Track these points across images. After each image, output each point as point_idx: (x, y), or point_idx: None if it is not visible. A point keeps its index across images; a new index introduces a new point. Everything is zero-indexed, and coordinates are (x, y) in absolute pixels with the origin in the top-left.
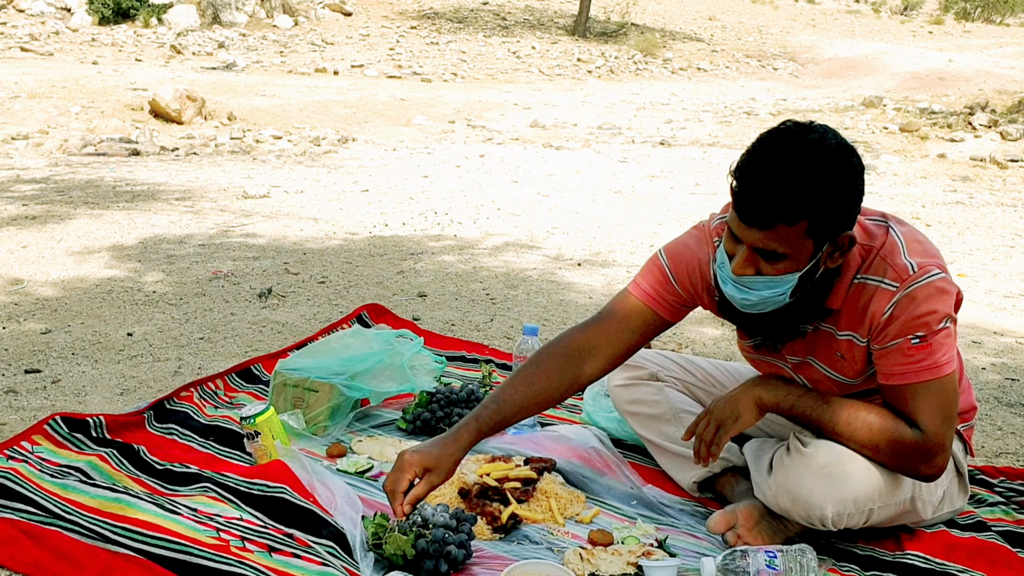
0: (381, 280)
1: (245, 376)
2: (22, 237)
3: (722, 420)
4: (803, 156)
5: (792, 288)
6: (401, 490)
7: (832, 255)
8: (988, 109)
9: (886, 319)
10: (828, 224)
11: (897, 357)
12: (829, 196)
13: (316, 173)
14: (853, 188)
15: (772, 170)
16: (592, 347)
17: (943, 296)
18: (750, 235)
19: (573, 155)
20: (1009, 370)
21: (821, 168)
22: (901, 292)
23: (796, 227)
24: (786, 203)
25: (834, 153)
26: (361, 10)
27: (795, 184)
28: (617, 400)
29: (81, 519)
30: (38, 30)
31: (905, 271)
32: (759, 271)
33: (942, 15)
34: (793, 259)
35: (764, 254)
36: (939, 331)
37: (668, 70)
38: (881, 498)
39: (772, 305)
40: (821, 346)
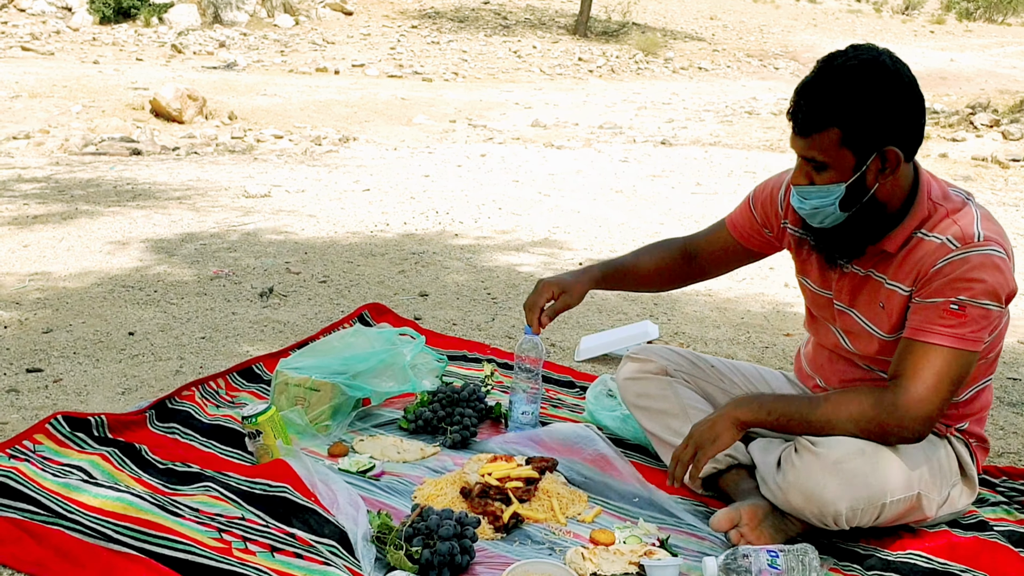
0: (382, 279)
1: (247, 375)
2: (23, 236)
3: (700, 443)
4: (840, 67)
5: (839, 198)
6: (539, 306)
7: (882, 172)
8: (990, 109)
9: (935, 272)
10: (864, 133)
11: (930, 314)
12: (859, 104)
13: (317, 172)
14: (893, 101)
15: (812, 81)
16: (694, 254)
17: (997, 273)
18: (797, 144)
19: (574, 154)
20: (1011, 370)
21: (854, 78)
22: (958, 253)
23: (829, 135)
24: (818, 110)
25: (874, 66)
26: (362, 9)
27: (825, 92)
28: (625, 393)
29: (83, 518)
30: (39, 29)
31: (971, 235)
32: (812, 181)
33: (944, 14)
34: (835, 169)
35: (812, 164)
36: (980, 306)
37: (669, 69)
38: (892, 493)
39: (827, 216)
40: (867, 294)
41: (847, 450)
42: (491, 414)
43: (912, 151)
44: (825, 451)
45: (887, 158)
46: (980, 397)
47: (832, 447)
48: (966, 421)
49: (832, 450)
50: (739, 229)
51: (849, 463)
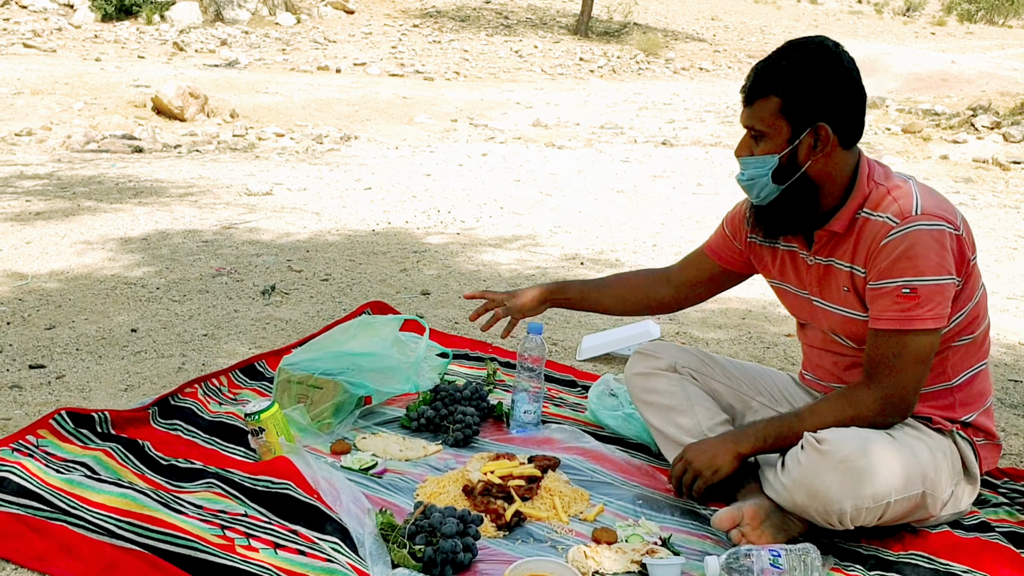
0: (384, 278)
1: (249, 373)
2: (26, 233)
3: (700, 471)
4: (788, 46)
5: (773, 170)
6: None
7: (815, 149)
8: (991, 111)
9: (879, 250)
10: (800, 105)
11: (887, 301)
12: (800, 77)
13: (319, 171)
14: (829, 79)
15: (764, 58)
16: (669, 280)
17: (941, 248)
18: (742, 115)
19: (575, 154)
20: (1012, 371)
21: (798, 55)
22: (899, 229)
23: (768, 102)
24: (760, 78)
25: (819, 48)
26: (364, 8)
27: (772, 64)
28: (634, 389)
29: (86, 514)
30: (41, 26)
31: (909, 211)
32: (751, 152)
33: (944, 16)
34: (771, 139)
35: (753, 134)
36: (932, 284)
37: (670, 70)
38: (897, 491)
39: (763, 189)
40: (832, 281)
41: (853, 448)
42: (493, 413)
43: (849, 137)
44: (831, 449)
45: (819, 135)
46: (976, 383)
47: (838, 445)
48: (970, 412)
49: (838, 448)
50: (717, 251)
51: (855, 462)
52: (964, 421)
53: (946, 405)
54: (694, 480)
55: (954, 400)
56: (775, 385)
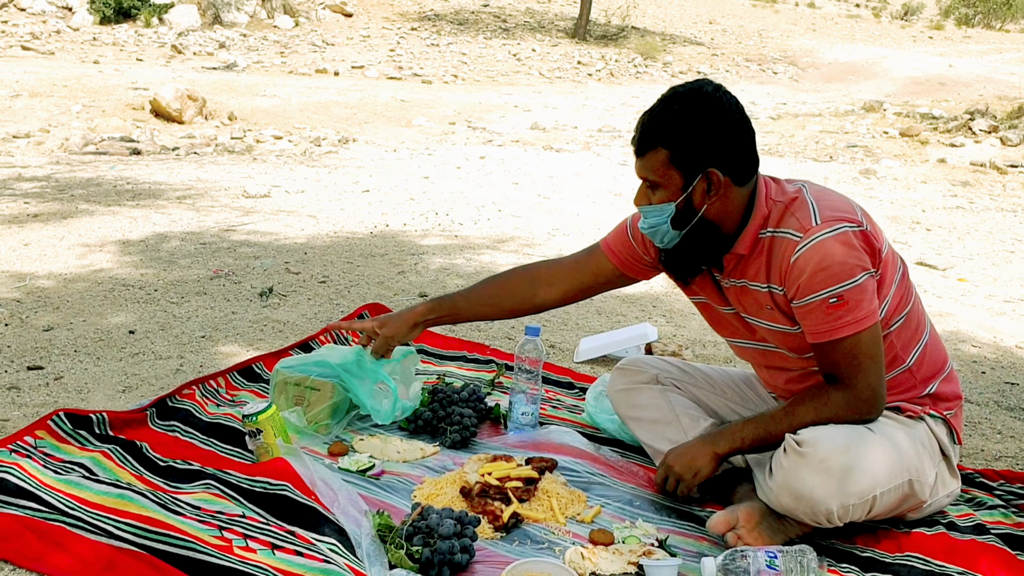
0: (382, 280)
1: (247, 374)
2: (24, 235)
3: (681, 474)
4: (671, 96)
5: (671, 216)
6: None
7: (709, 194)
8: (988, 115)
9: (792, 266)
10: (688, 154)
11: (818, 316)
12: (684, 127)
13: (317, 173)
14: (713, 125)
15: (650, 108)
16: (552, 279)
17: (850, 250)
18: (637, 167)
19: (573, 157)
20: (1009, 374)
21: (680, 105)
22: (804, 242)
23: (657, 154)
24: (648, 131)
25: (699, 95)
26: (362, 11)
27: (656, 116)
28: (618, 405)
29: (85, 515)
30: (39, 29)
31: (808, 223)
32: (649, 201)
33: (942, 20)
34: (666, 188)
35: (648, 184)
36: (853, 286)
37: (668, 73)
38: (881, 484)
39: (664, 235)
40: (752, 301)
41: (832, 448)
42: (491, 415)
43: (741, 176)
44: (810, 451)
45: (711, 180)
46: (928, 355)
47: (817, 446)
48: (931, 383)
49: (817, 449)
50: (618, 256)
51: (834, 460)
52: (929, 393)
53: (910, 387)
54: (678, 484)
55: (915, 379)
56: (761, 390)
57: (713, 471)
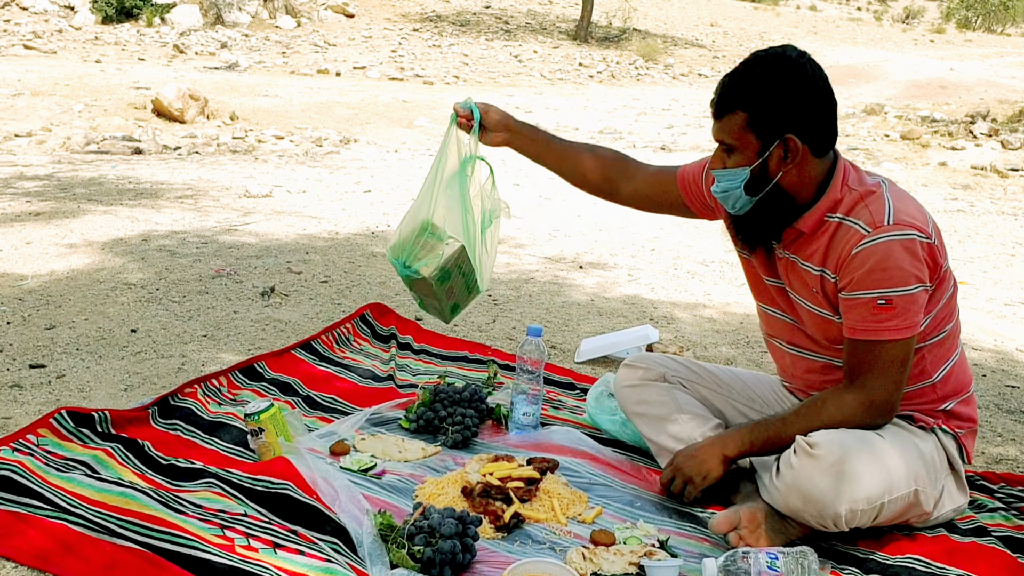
0: (383, 280)
1: (248, 373)
2: (26, 233)
3: (690, 477)
4: (753, 59)
5: (744, 182)
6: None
7: (785, 161)
8: (989, 118)
9: (852, 257)
10: (767, 119)
11: (862, 312)
12: (765, 90)
13: (318, 173)
14: (795, 91)
15: (731, 71)
16: (633, 176)
17: (913, 258)
18: (713, 128)
19: None
20: (1009, 377)
21: (762, 68)
22: (871, 238)
23: (735, 117)
24: (727, 93)
25: (782, 59)
26: (364, 12)
27: (737, 78)
28: (624, 401)
29: (86, 512)
30: (41, 28)
31: (881, 219)
32: (724, 165)
33: (943, 24)
34: (741, 152)
35: (724, 148)
36: (905, 294)
37: (669, 75)
38: (890, 492)
39: (737, 200)
40: (800, 279)
41: (845, 451)
42: (492, 415)
43: (820, 146)
44: (823, 453)
45: (789, 147)
46: (954, 375)
47: (830, 449)
48: (949, 401)
49: (830, 452)
50: (687, 184)
51: (847, 464)
52: (945, 409)
53: (929, 401)
54: (685, 486)
55: (936, 395)
56: (767, 391)
57: (722, 474)
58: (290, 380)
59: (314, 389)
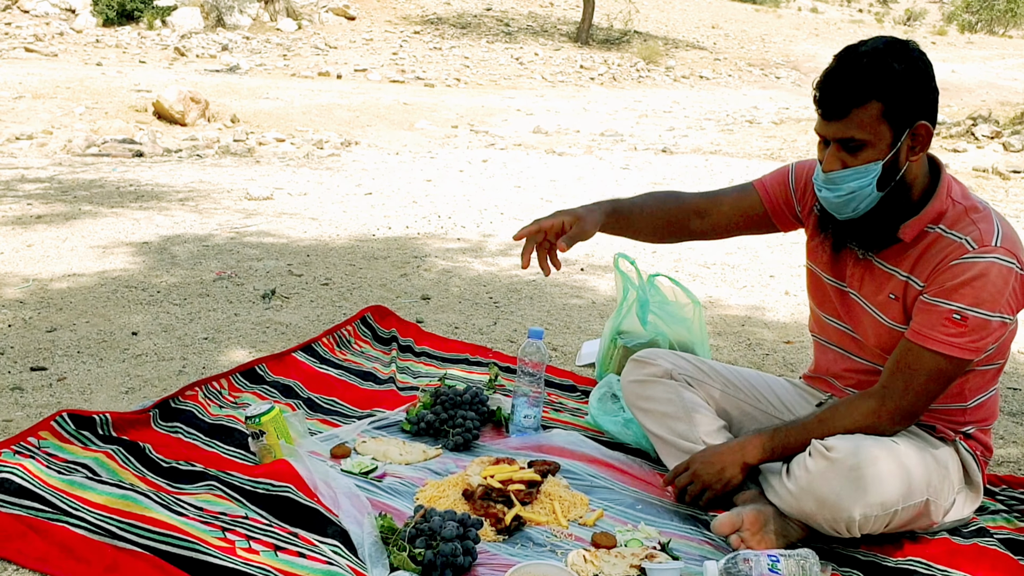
0: (385, 282)
1: (249, 376)
2: (27, 236)
3: (708, 482)
4: (869, 50)
5: (877, 177)
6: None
7: (913, 149)
8: (991, 120)
9: (950, 268)
10: (901, 106)
11: (934, 319)
12: (899, 77)
13: (319, 176)
14: (925, 77)
15: (843, 62)
16: (704, 210)
17: (1006, 287)
18: (831, 129)
19: (575, 161)
20: (1011, 379)
21: (888, 54)
22: (977, 255)
23: (869, 109)
24: (856, 86)
25: (903, 45)
26: (365, 15)
27: (864, 68)
28: (630, 396)
29: (88, 515)
30: (42, 31)
31: (989, 240)
32: (845, 164)
33: (945, 26)
34: (873, 146)
35: (847, 146)
36: (983, 318)
37: (670, 78)
38: (906, 499)
39: (863, 200)
40: (877, 283)
41: (863, 457)
42: (493, 417)
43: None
44: (840, 457)
45: (918, 133)
46: (987, 405)
47: (847, 453)
48: (971, 426)
49: (848, 456)
50: (771, 197)
51: (864, 470)
52: (966, 433)
53: (955, 421)
54: (701, 491)
55: (964, 419)
56: (774, 392)
57: (740, 480)
58: (291, 383)
59: (315, 391)
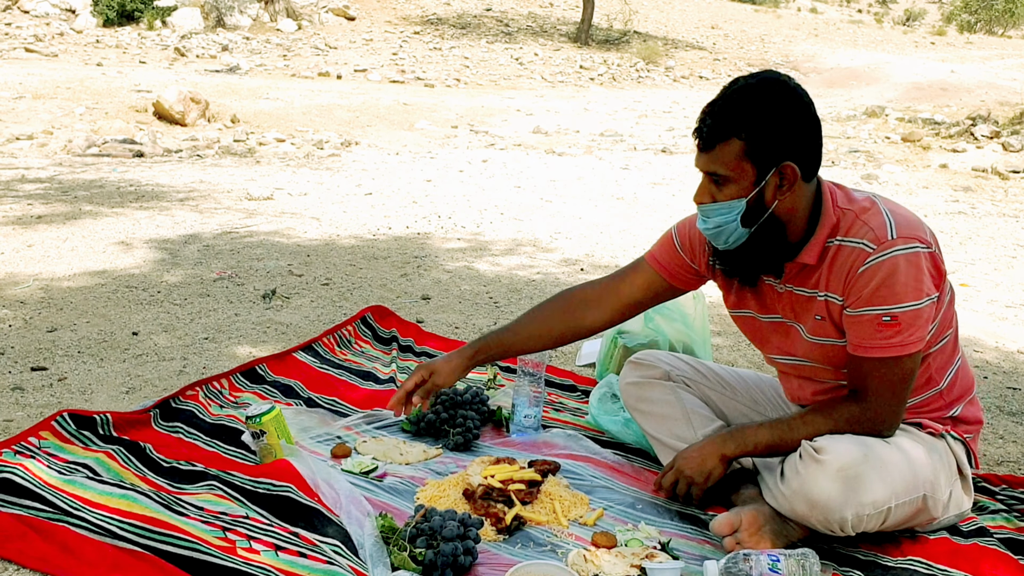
0: (385, 282)
1: (250, 376)
2: (27, 236)
3: (692, 478)
4: (743, 86)
5: (741, 214)
6: (407, 389)
7: (780, 189)
8: (990, 120)
9: (859, 276)
10: (764, 146)
11: (867, 329)
12: (761, 117)
13: (319, 176)
14: (790, 116)
15: (717, 99)
16: (598, 300)
17: (919, 272)
18: (700, 161)
19: (575, 161)
20: (1011, 379)
21: (754, 93)
22: (878, 255)
23: (731, 146)
24: (721, 122)
25: (773, 84)
26: (364, 15)
27: (730, 105)
28: (628, 398)
29: (88, 515)
30: (43, 31)
31: (884, 235)
32: (714, 198)
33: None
34: (736, 183)
35: (714, 179)
36: (911, 310)
37: (670, 78)
38: (897, 497)
39: (731, 235)
40: (805, 310)
41: (851, 457)
42: (493, 417)
43: (810, 171)
44: (829, 458)
45: (785, 174)
46: (959, 378)
47: (836, 455)
48: (956, 406)
49: (837, 457)
50: (665, 266)
51: (853, 470)
52: (953, 416)
53: (937, 408)
54: (689, 488)
55: (944, 401)
56: (772, 393)
57: (723, 473)
58: (291, 383)
59: (315, 391)
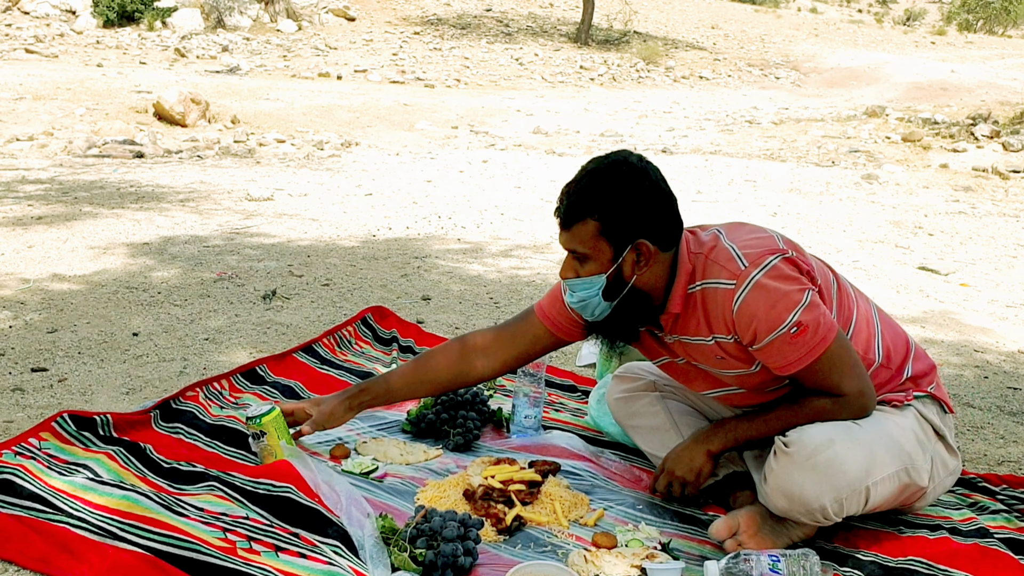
0: (385, 283)
1: (250, 377)
2: (28, 237)
3: (684, 478)
4: (595, 168)
5: (601, 289)
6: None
7: (638, 264)
8: (990, 120)
9: (738, 314)
10: (618, 226)
11: (785, 349)
12: (615, 199)
13: (319, 176)
14: (640, 196)
15: (573, 179)
16: (488, 349)
17: (786, 279)
18: (562, 238)
19: (576, 162)
20: (1011, 379)
21: (607, 175)
22: (741, 289)
23: (587, 226)
24: (576, 203)
25: (626, 166)
26: (365, 15)
27: (583, 187)
28: (617, 414)
29: (88, 516)
30: (43, 32)
31: (736, 268)
32: (577, 273)
33: (944, 26)
34: (595, 260)
35: (576, 256)
36: (805, 308)
37: (670, 78)
38: (870, 474)
39: (595, 308)
40: (701, 354)
41: (816, 444)
42: (493, 418)
43: (668, 242)
44: (796, 449)
45: (641, 251)
46: (890, 343)
47: (802, 444)
48: (905, 367)
49: (803, 447)
50: (554, 322)
51: (820, 455)
52: (909, 377)
53: (889, 379)
54: (683, 489)
55: (891, 370)
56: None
57: (712, 468)
58: (292, 383)
59: (316, 392)
